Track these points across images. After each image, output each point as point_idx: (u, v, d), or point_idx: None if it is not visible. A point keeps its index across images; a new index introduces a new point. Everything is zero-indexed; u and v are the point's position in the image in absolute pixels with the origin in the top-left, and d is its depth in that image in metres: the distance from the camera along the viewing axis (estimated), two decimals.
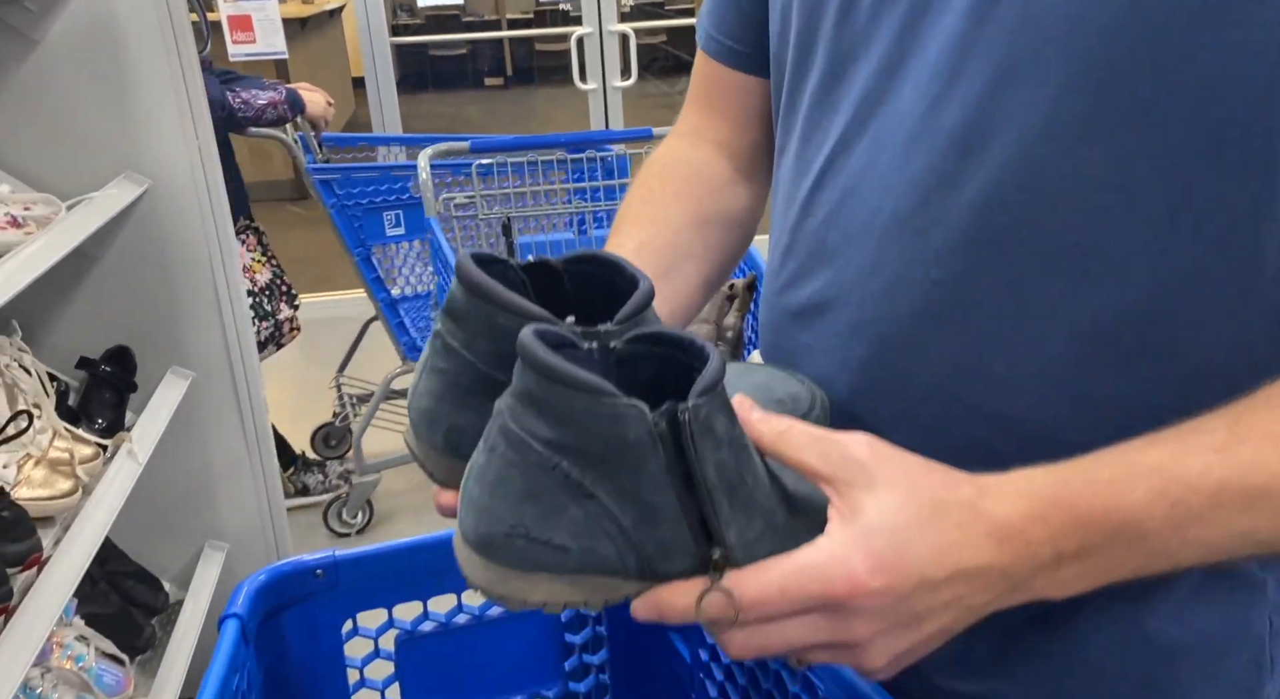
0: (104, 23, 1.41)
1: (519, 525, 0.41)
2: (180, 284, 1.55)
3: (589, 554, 0.41)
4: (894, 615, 0.42)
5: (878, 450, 0.43)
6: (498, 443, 0.41)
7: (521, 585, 0.42)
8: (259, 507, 1.72)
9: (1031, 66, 0.45)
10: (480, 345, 0.45)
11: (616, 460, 0.40)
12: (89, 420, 1.38)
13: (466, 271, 0.44)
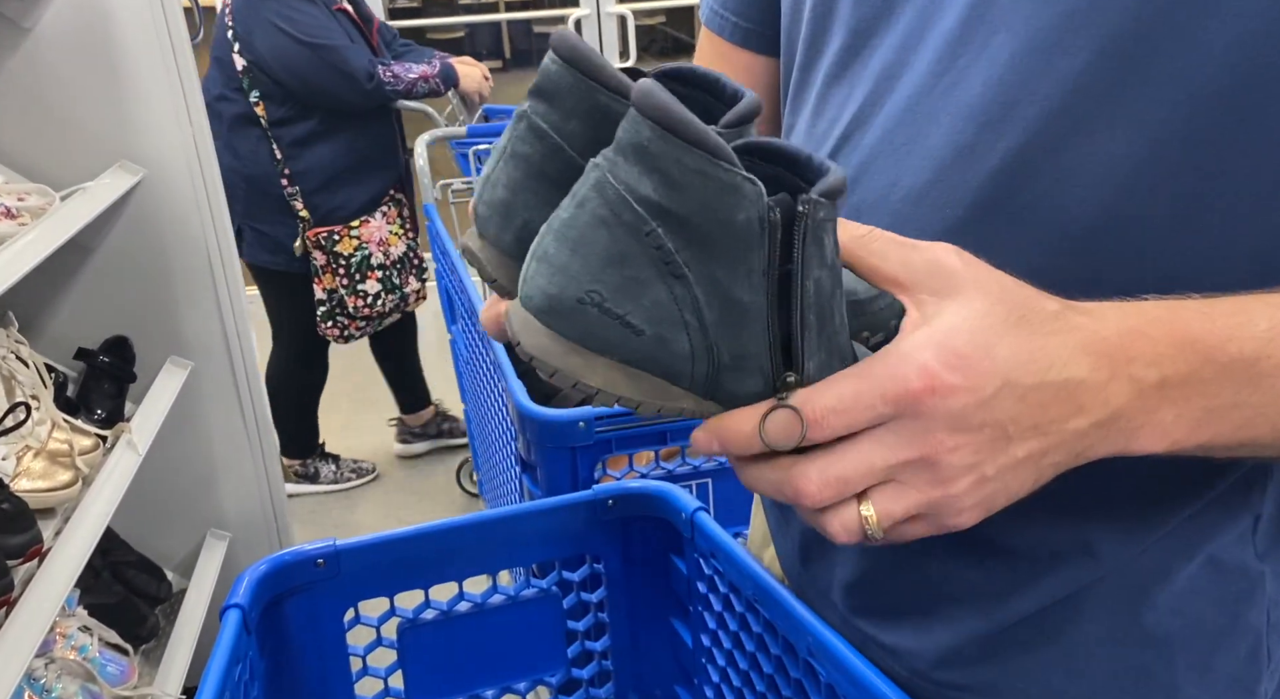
0: (96, 10, 1.40)
1: (595, 292, 0.37)
2: (177, 273, 1.54)
3: (661, 345, 0.37)
4: (978, 424, 0.38)
5: (967, 258, 0.40)
6: (589, 198, 0.37)
7: (580, 364, 0.38)
8: (261, 495, 1.72)
9: (1057, 36, 0.43)
10: (574, 128, 0.41)
11: (718, 243, 0.37)
12: (88, 411, 1.37)
13: (566, 41, 0.40)
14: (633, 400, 0.38)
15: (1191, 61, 0.41)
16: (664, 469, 1.10)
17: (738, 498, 1.11)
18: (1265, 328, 0.39)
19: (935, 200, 0.48)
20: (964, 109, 0.46)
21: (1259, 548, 0.49)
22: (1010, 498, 0.40)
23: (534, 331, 0.38)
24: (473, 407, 1.80)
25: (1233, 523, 0.49)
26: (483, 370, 1.46)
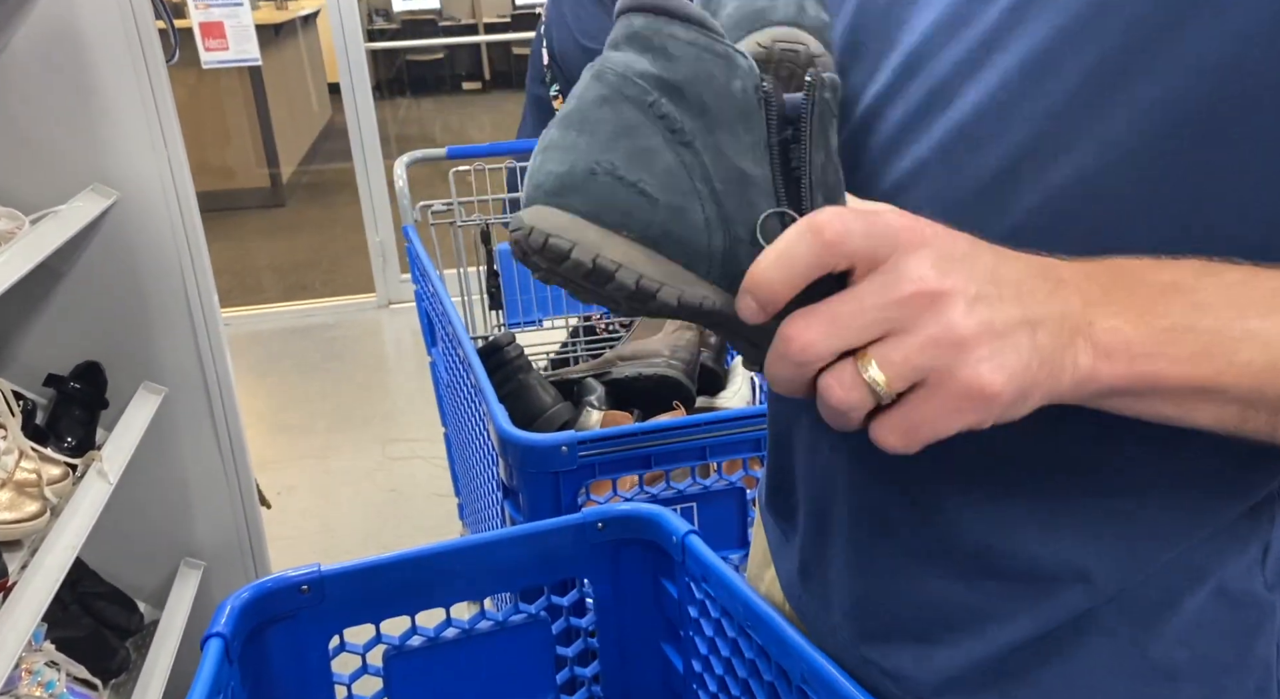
0: (68, 32, 1.38)
1: (605, 161, 0.37)
2: (151, 297, 1.52)
3: (676, 215, 0.37)
4: (968, 271, 0.37)
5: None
6: (589, 86, 0.38)
7: (598, 237, 0.37)
8: (236, 522, 1.68)
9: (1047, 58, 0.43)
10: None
11: (719, 112, 0.37)
12: (58, 439, 1.34)
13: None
14: (654, 280, 0.38)
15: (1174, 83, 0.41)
16: (648, 494, 1.08)
17: (723, 521, 1.10)
18: (1196, 265, 0.40)
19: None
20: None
21: (1269, 578, 0.49)
22: (1025, 372, 0.37)
23: (546, 214, 0.37)
24: (453, 430, 1.78)
25: (1241, 552, 0.48)
26: (463, 394, 1.44)
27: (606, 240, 0.37)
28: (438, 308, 1.57)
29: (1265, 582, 0.48)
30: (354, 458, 2.75)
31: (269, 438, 2.85)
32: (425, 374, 2.09)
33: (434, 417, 2.09)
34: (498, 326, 1.97)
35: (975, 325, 0.36)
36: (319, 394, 3.14)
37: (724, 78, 0.38)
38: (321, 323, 3.80)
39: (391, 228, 3.83)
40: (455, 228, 1.87)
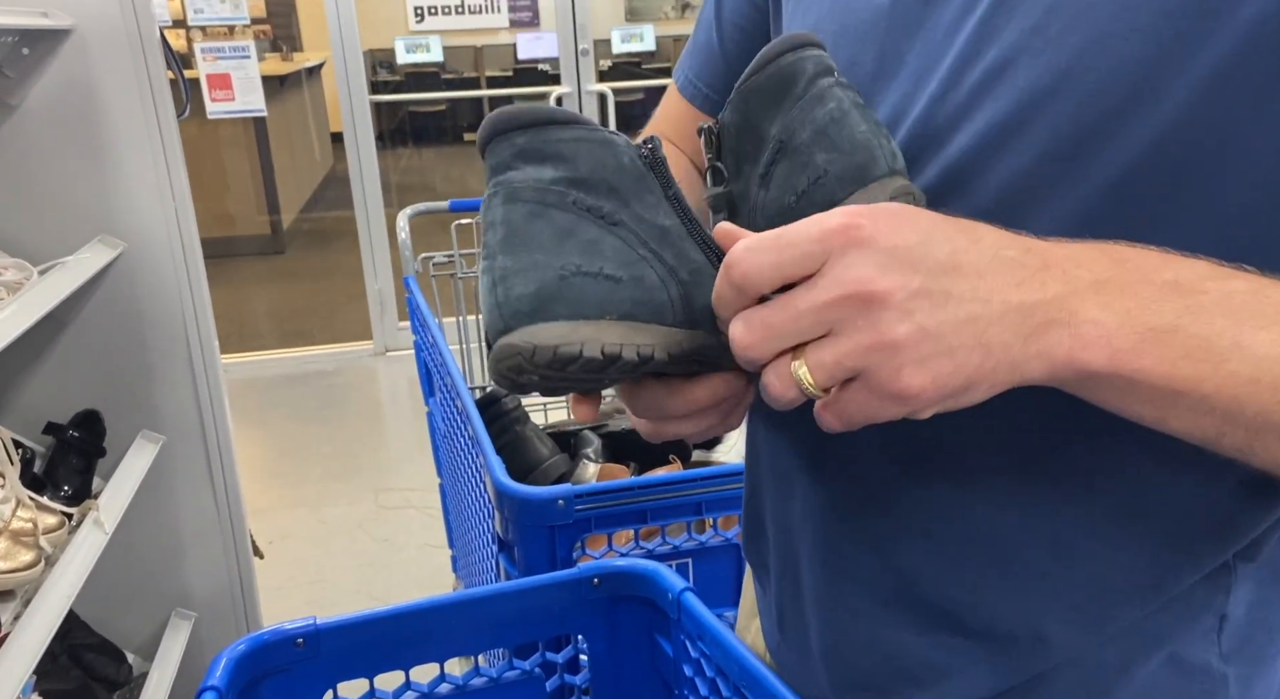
0: (82, 86, 1.42)
1: (568, 264, 0.41)
2: (153, 346, 1.53)
3: (639, 284, 0.41)
4: (909, 268, 0.37)
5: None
6: (509, 210, 0.41)
7: (593, 331, 0.40)
8: (228, 572, 1.67)
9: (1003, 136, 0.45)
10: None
11: (622, 187, 0.42)
12: (54, 488, 1.34)
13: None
14: (649, 346, 0.41)
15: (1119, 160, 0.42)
16: (643, 549, 1.09)
17: (718, 578, 1.10)
18: (1204, 268, 0.39)
19: None
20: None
21: (1224, 648, 0.49)
22: (956, 375, 0.37)
23: (538, 331, 0.40)
24: (449, 482, 1.78)
25: (1194, 621, 0.49)
26: (460, 445, 1.45)
27: (600, 329, 0.40)
28: (437, 359, 1.59)
29: (1220, 653, 0.49)
30: (347, 507, 2.74)
31: (262, 485, 2.84)
32: (420, 422, 2.09)
33: (428, 466, 2.09)
34: None
35: (906, 329, 0.37)
36: (313, 441, 3.13)
37: (614, 158, 0.42)
38: (318, 370, 3.80)
39: (390, 276, 3.86)
40: (456, 279, 1.89)
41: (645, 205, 0.42)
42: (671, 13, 7.68)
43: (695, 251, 0.43)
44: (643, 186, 0.43)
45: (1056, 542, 0.48)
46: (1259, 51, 0.39)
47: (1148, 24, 0.41)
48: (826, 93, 0.45)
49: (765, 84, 0.46)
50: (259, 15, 6.97)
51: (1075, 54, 0.42)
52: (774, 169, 0.47)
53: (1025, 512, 0.48)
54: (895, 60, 0.49)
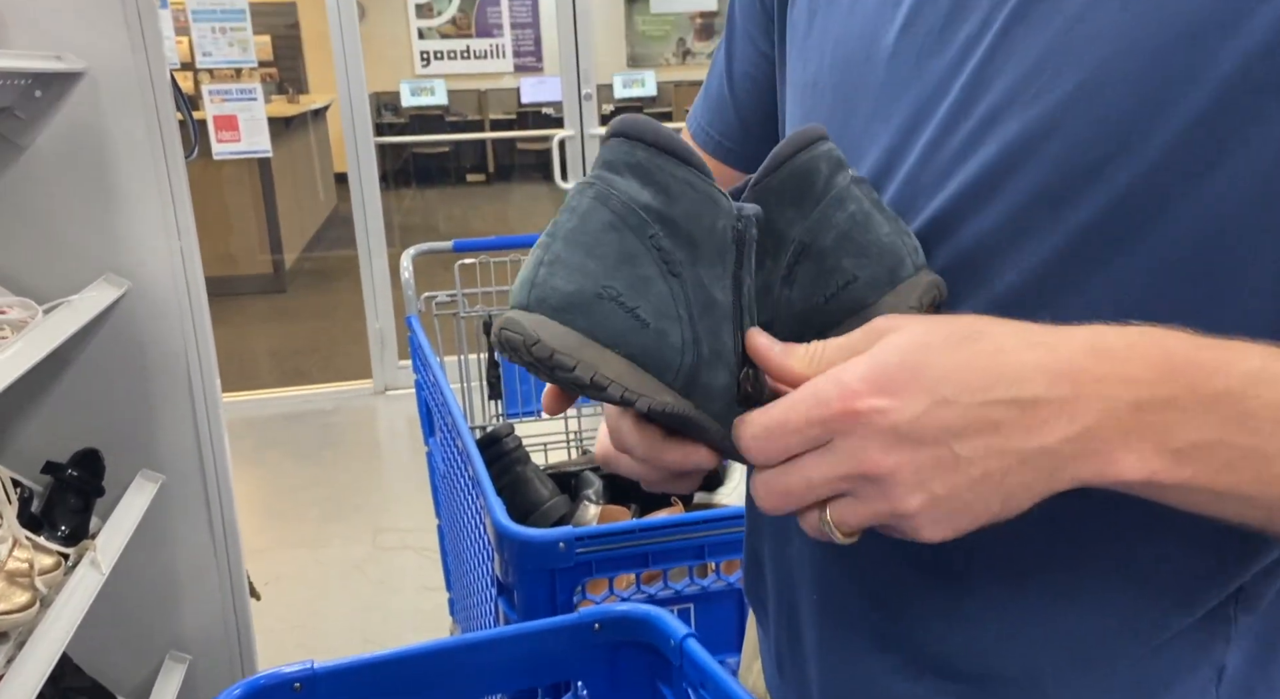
0: (91, 127, 1.44)
1: (612, 288, 0.41)
2: (155, 385, 1.53)
3: (661, 338, 0.41)
4: (913, 442, 0.37)
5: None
6: (594, 208, 0.41)
7: (596, 356, 0.41)
8: (224, 614, 1.65)
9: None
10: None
11: (702, 246, 0.42)
12: (52, 528, 1.33)
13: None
14: (634, 393, 0.41)
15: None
16: (645, 593, 1.08)
17: (721, 624, 1.09)
18: (1257, 366, 0.38)
19: None
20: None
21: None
22: (977, 521, 0.39)
23: (552, 328, 0.41)
24: (447, 523, 1.77)
25: (1193, 670, 0.48)
26: (460, 486, 1.44)
27: (601, 357, 0.41)
28: (438, 398, 1.59)
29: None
30: (344, 548, 2.71)
31: (259, 525, 2.82)
32: (419, 462, 2.08)
33: (426, 506, 2.08)
34: (497, 417, 1.98)
35: (918, 501, 0.38)
36: (311, 481, 3.12)
37: (710, 217, 0.42)
38: (317, 408, 3.80)
39: (391, 315, 3.87)
40: (458, 318, 1.90)
41: (711, 273, 0.43)
42: (672, 59, 7.82)
43: (728, 336, 0.43)
44: (718, 256, 0.43)
45: (1049, 585, 0.48)
46: (1243, 93, 0.40)
47: (1136, 70, 0.41)
48: (846, 194, 0.46)
49: (782, 185, 0.46)
50: (266, 58, 7.09)
51: (1065, 102, 0.43)
52: (797, 269, 0.47)
53: (1016, 555, 0.48)
54: (889, 109, 0.50)
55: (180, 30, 3.63)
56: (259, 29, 3.61)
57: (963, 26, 0.47)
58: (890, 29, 0.50)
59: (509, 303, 0.42)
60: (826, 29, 0.54)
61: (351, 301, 4.11)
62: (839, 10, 0.54)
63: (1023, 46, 0.44)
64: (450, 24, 3.82)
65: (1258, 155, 0.40)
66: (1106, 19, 0.42)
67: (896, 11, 0.50)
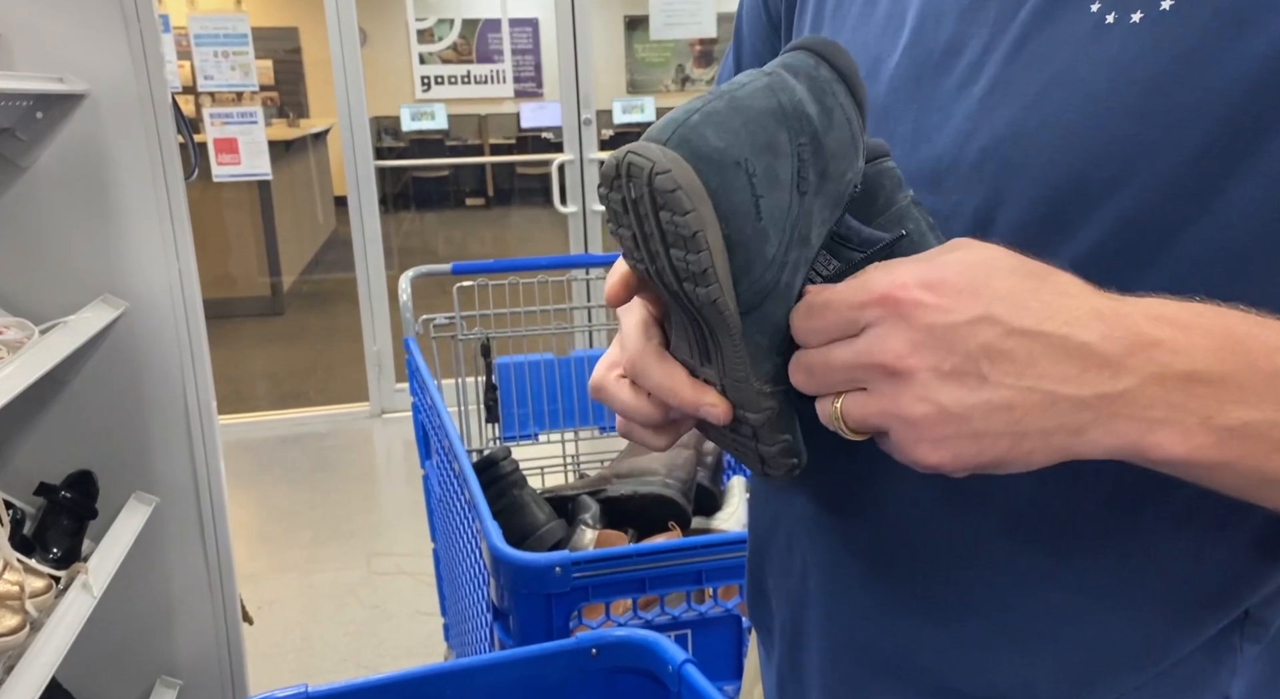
0: (92, 149, 1.44)
1: (751, 163, 0.40)
2: (150, 406, 1.53)
3: (761, 238, 0.41)
4: (944, 348, 0.36)
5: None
6: (764, 92, 0.41)
7: (709, 217, 0.39)
8: (217, 638, 1.64)
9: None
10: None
11: (830, 183, 0.42)
12: (43, 550, 1.32)
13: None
14: (714, 274, 0.40)
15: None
16: (641, 619, 1.07)
17: (718, 650, 1.08)
18: None
19: None
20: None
21: None
22: (981, 456, 0.37)
23: (684, 168, 0.40)
24: (443, 547, 1.76)
25: (1197, 698, 0.48)
26: (456, 509, 1.43)
27: (711, 222, 0.40)
28: (435, 421, 1.58)
29: None
30: (337, 572, 2.69)
31: (253, 549, 2.80)
32: (414, 486, 2.07)
33: (421, 530, 2.07)
34: (493, 440, 1.98)
35: (924, 410, 0.37)
36: (306, 505, 3.10)
37: (847, 160, 0.43)
38: (313, 432, 3.78)
39: (389, 338, 3.87)
40: (456, 341, 1.90)
41: (821, 213, 0.42)
42: (672, 86, 7.89)
43: (800, 279, 0.43)
44: (833, 202, 0.43)
45: (1052, 606, 0.48)
46: (1248, 118, 0.40)
47: (1139, 98, 0.42)
48: (905, 213, 0.45)
49: None
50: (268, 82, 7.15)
51: (1068, 130, 0.43)
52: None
53: (1021, 577, 0.48)
54: (892, 132, 0.50)
55: (183, 54, 3.66)
56: (261, 53, 3.64)
57: (965, 52, 0.47)
58: (894, 51, 0.51)
59: (644, 137, 0.41)
60: None
61: (349, 324, 4.11)
62: (844, 29, 0.54)
63: (1025, 74, 0.45)
64: (451, 49, 3.85)
65: (1268, 177, 0.40)
66: (1108, 50, 0.43)
67: (900, 34, 0.50)
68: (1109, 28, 0.43)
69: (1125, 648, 0.47)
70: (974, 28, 0.47)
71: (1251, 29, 0.40)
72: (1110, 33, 0.43)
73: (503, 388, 1.93)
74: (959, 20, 0.48)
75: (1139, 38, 0.42)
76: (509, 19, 3.90)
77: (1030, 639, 0.48)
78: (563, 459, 2.00)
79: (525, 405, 1.94)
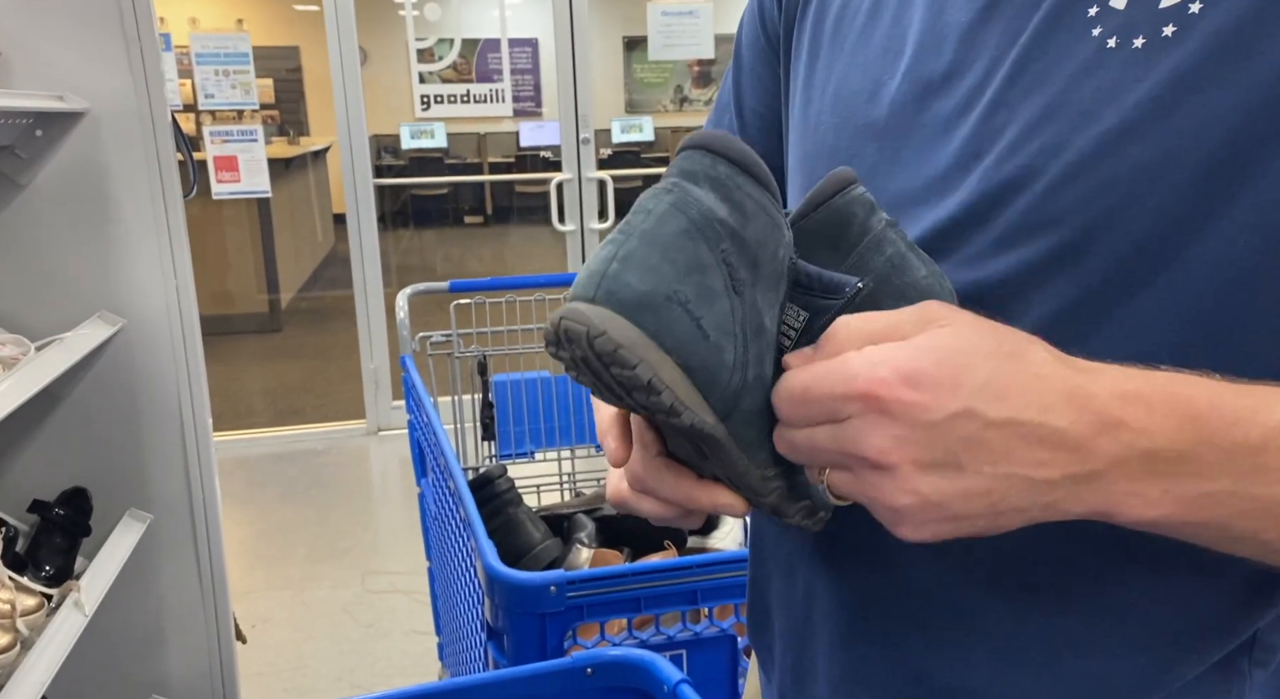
0: (91, 166, 1.45)
1: (682, 293, 0.40)
2: (146, 423, 1.52)
3: (717, 353, 0.41)
4: (926, 441, 0.37)
5: (954, 308, 0.41)
6: (671, 213, 0.41)
7: (657, 360, 0.40)
8: (210, 657, 1.62)
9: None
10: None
11: (763, 270, 0.43)
12: (36, 568, 1.31)
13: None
14: (683, 405, 0.41)
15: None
16: (636, 638, 1.06)
17: (713, 671, 1.07)
18: (1276, 423, 0.38)
19: None
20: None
21: None
22: (958, 532, 0.39)
23: (619, 324, 0.40)
24: (438, 566, 1.75)
25: None
26: (451, 528, 1.43)
27: (662, 362, 0.40)
28: (431, 438, 1.58)
29: None
30: (332, 590, 2.68)
31: (247, 566, 2.79)
32: (410, 504, 2.06)
33: (416, 548, 2.06)
34: (489, 458, 1.97)
35: (908, 501, 0.39)
36: (301, 522, 3.09)
37: (774, 243, 0.43)
38: (309, 449, 3.77)
39: (386, 355, 3.87)
40: (453, 359, 1.90)
41: (766, 299, 0.43)
42: (670, 106, 7.94)
43: (770, 365, 0.43)
44: (774, 282, 0.43)
45: (1053, 634, 0.47)
46: (1248, 142, 0.40)
47: (1140, 122, 0.42)
48: (883, 237, 0.46)
49: (818, 227, 0.47)
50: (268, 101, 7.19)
51: (1070, 155, 0.43)
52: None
53: (1025, 604, 0.48)
54: (891, 157, 0.50)
55: (184, 72, 3.68)
56: (261, 72, 3.66)
57: (966, 76, 0.48)
58: (894, 75, 0.51)
59: (569, 295, 0.42)
60: (830, 69, 0.55)
61: (346, 341, 4.11)
62: (843, 53, 0.54)
63: (1025, 100, 0.45)
64: (451, 69, 3.88)
65: (1268, 203, 0.40)
66: (1110, 74, 0.43)
67: (900, 58, 0.51)
68: (1110, 52, 0.43)
69: (1129, 675, 0.47)
70: (975, 51, 0.47)
71: (1254, 55, 0.40)
72: (1112, 57, 0.43)
73: (499, 406, 1.93)
74: (960, 44, 0.48)
75: (1141, 63, 0.42)
76: (509, 39, 3.93)
77: (1033, 667, 0.48)
78: (558, 477, 2.00)
79: (521, 423, 1.94)
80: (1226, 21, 0.40)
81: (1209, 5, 0.41)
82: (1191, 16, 0.41)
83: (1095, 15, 0.44)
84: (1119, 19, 0.43)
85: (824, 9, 0.57)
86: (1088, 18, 0.44)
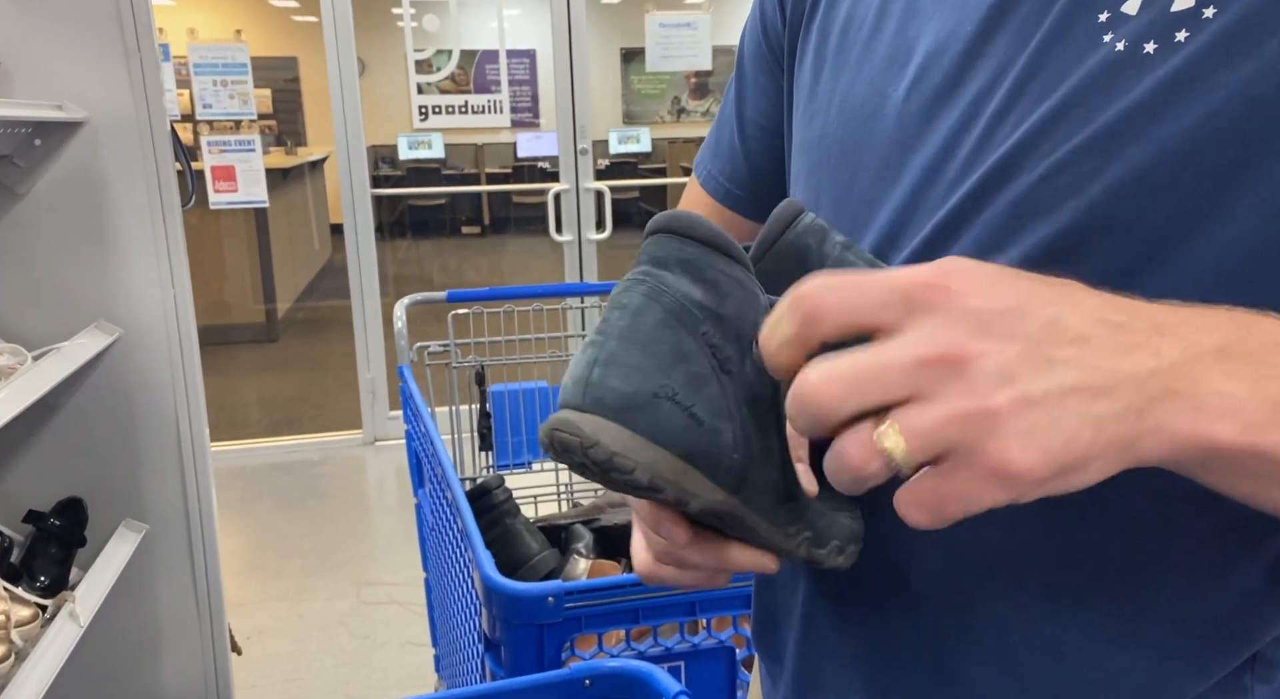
0: (90, 176, 1.45)
1: (668, 387, 0.40)
2: (142, 433, 1.52)
3: (714, 436, 0.40)
4: (1005, 333, 0.32)
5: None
6: (647, 306, 0.41)
7: (655, 458, 0.39)
8: (205, 669, 1.62)
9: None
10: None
11: (746, 340, 0.42)
12: (30, 578, 1.31)
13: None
14: (690, 494, 0.41)
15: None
16: (634, 650, 1.06)
17: (711, 682, 1.07)
18: None
19: None
20: None
21: None
22: (1068, 448, 0.32)
23: (610, 430, 0.40)
24: (434, 576, 1.74)
25: None
26: (448, 538, 1.42)
27: (660, 457, 0.40)
28: (428, 448, 1.57)
29: None
30: (327, 602, 2.67)
31: (242, 577, 2.77)
32: (406, 514, 2.05)
33: (412, 559, 2.05)
34: (487, 468, 1.97)
35: (1008, 397, 0.32)
36: (296, 533, 3.08)
37: (754, 313, 0.43)
38: (305, 459, 3.76)
39: (383, 365, 3.86)
40: (450, 369, 1.90)
41: (757, 367, 0.42)
42: (667, 116, 7.96)
43: (773, 431, 0.43)
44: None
45: (1056, 642, 0.47)
46: (1255, 133, 0.40)
47: (1147, 129, 0.42)
48: (841, 262, 0.46)
49: (777, 266, 0.46)
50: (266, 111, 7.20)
51: (1077, 158, 0.43)
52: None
53: (1023, 612, 0.47)
54: (899, 166, 0.50)
55: (182, 83, 3.69)
56: (260, 82, 3.67)
57: (972, 83, 0.47)
58: (900, 84, 0.51)
59: (559, 402, 0.41)
60: (835, 81, 0.55)
61: (343, 351, 4.10)
62: (848, 63, 0.54)
63: (1034, 104, 0.45)
64: (449, 80, 3.89)
65: (1269, 206, 0.40)
66: (1119, 80, 0.43)
67: (906, 67, 0.51)
68: (1121, 57, 0.43)
69: (1130, 688, 0.47)
70: (982, 60, 0.47)
71: (1262, 50, 0.40)
72: (1122, 63, 0.43)
73: (497, 416, 1.93)
74: (966, 53, 0.48)
75: (1151, 68, 0.42)
76: (507, 50, 3.94)
77: (1033, 676, 0.48)
78: (556, 488, 1.99)
79: (519, 433, 1.94)
80: (1234, 21, 0.40)
81: (1221, 9, 0.41)
82: (1205, 21, 0.41)
83: (1106, 21, 0.44)
84: (1131, 25, 0.43)
85: (829, 21, 0.57)
86: (1099, 23, 0.44)
